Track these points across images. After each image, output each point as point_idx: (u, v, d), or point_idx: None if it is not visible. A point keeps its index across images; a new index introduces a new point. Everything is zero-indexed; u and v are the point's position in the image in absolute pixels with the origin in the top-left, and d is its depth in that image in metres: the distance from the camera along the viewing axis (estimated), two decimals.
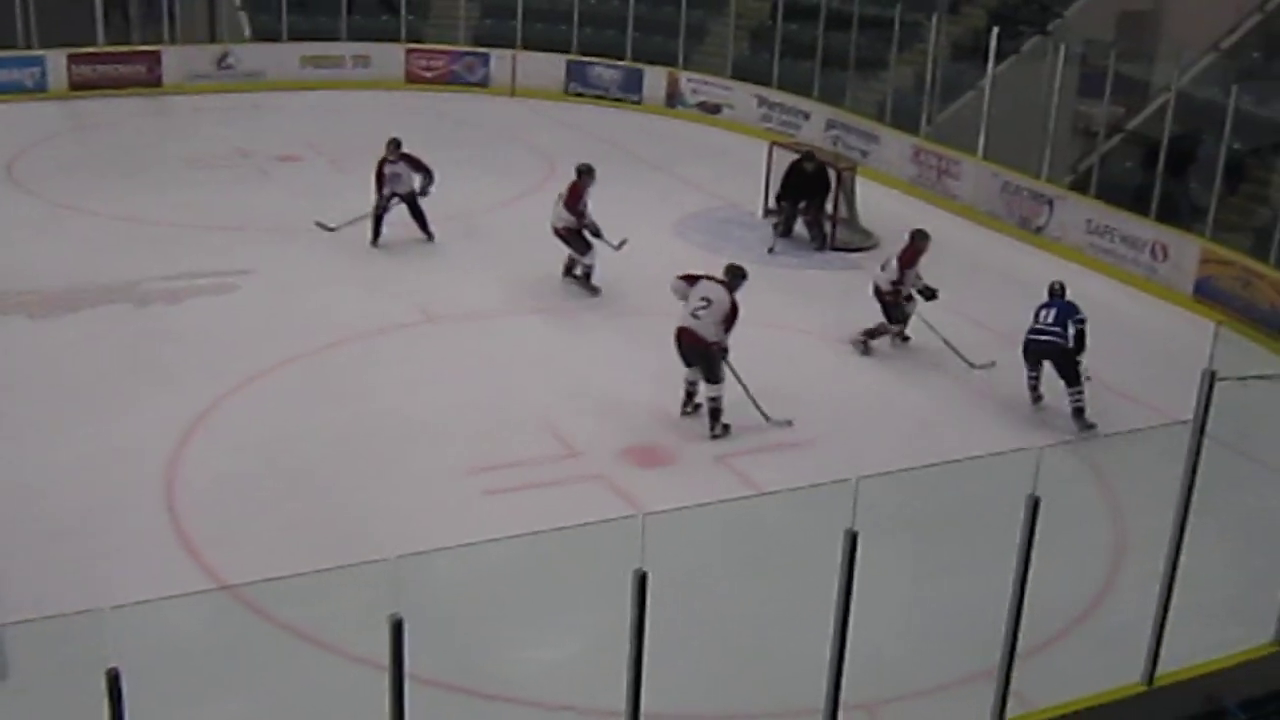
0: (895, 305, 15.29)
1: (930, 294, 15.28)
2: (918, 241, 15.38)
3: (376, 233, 17.87)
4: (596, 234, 16.58)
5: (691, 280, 13.54)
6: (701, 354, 13.16)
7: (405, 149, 17.96)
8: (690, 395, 13.52)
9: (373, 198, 17.84)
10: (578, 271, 16.82)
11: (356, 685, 8.36)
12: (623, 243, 16.47)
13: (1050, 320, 13.69)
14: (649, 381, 14.29)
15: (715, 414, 13.12)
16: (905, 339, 15.60)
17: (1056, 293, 14.05)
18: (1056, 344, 13.59)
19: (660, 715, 7.94)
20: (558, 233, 16.62)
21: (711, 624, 9.73)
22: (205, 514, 11.34)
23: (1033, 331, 13.83)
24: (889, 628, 9.43)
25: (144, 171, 21.16)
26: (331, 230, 17.93)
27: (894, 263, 15.26)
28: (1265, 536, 10.76)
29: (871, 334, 15.38)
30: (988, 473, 10.05)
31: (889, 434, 13.34)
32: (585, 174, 16.82)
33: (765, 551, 10.00)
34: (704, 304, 13.19)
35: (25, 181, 20.36)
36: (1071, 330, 13.57)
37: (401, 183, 17.89)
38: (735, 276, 13.59)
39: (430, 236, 18.15)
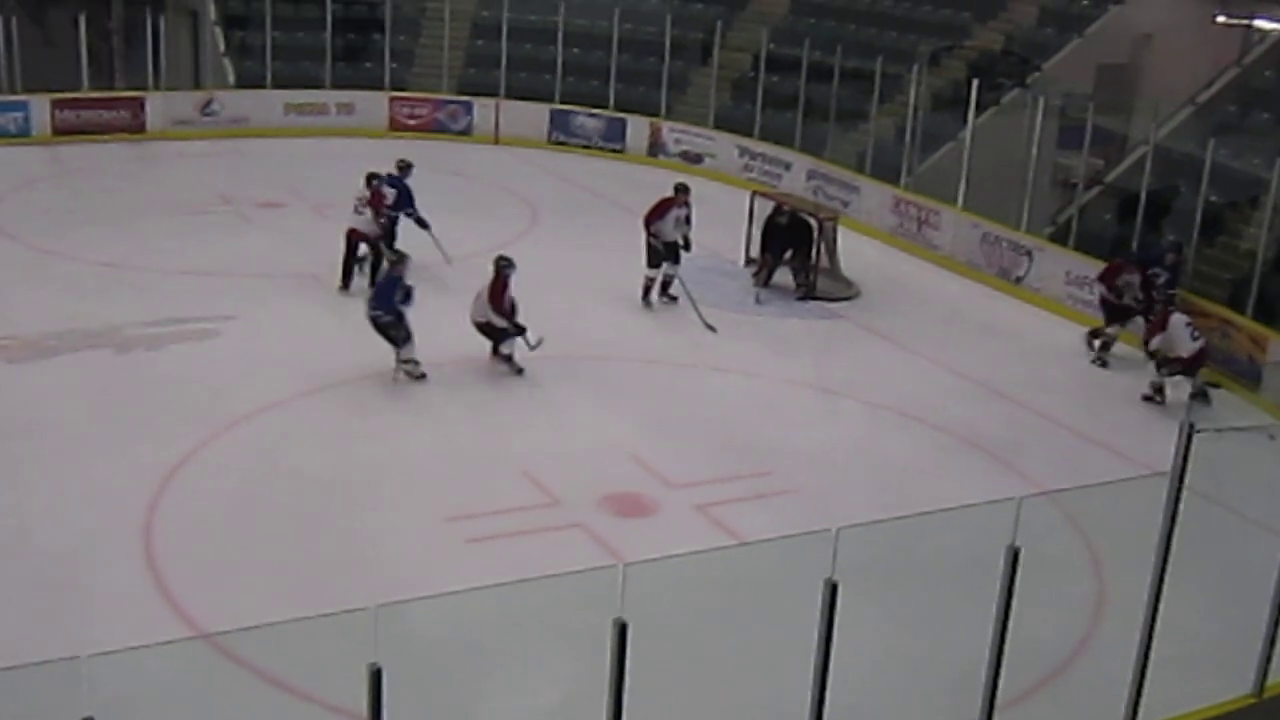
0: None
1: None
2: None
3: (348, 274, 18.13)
4: (519, 330, 15.64)
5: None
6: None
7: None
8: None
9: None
10: (504, 351, 15.95)
11: None
12: (539, 342, 15.59)
13: None
14: (628, 429, 14.32)
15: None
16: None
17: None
18: None
19: None
20: (478, 327, 15.78)
21: (691, 674, 9.70)
22: (184, 561, 11.28)
23: None
24: (869, 678, 9.41)
25: (126, 217, 21.16)
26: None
27: None
28: (1243, 588, 10.76)
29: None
30: (967, 523, 10.06)
31: (869, 483, 13.36)
32: (506, 266, 15.79)
33: (745, 601, 9.98)
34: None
35: (7, 226, 20.34)
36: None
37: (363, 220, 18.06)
38: None
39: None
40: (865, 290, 19.40)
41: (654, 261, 18.19)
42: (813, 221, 19.55)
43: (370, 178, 18.21)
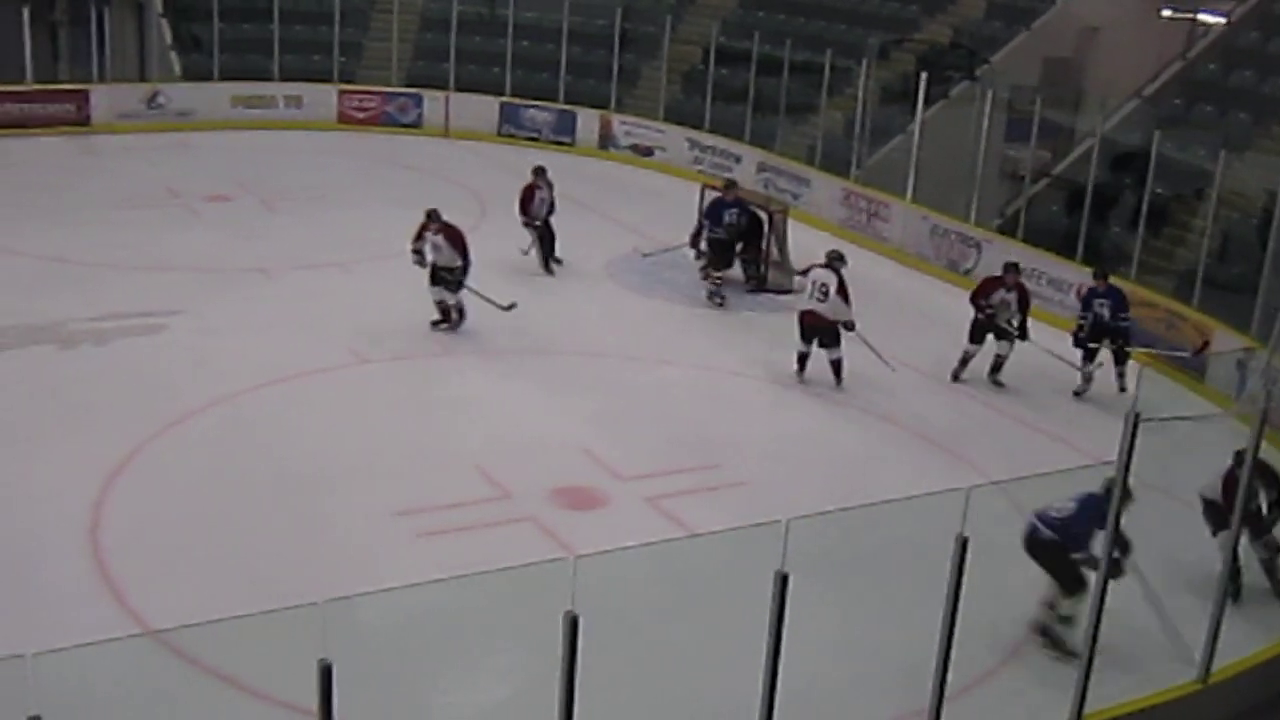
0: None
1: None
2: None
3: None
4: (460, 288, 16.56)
5: (804, 271, 16.09)
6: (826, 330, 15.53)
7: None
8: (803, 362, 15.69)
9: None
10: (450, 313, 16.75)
11: None
12: (512, 305, 16.77)
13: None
14: (578, 422, 14.31)
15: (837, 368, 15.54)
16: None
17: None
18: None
19: None
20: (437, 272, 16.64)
21: (643, 666, 9.71)
22: (131, 558, 11.18)
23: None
24: (820, 668, 9.44)
25: (71, 211, 20.95)
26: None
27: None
28: (1190, 576, 10.90)
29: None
30: (917, 513, 10.11)
31: (820, 474, 13.41)
32: (430, 218, 16.78)
33: (696, 593, 10.00)
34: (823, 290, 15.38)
35: None
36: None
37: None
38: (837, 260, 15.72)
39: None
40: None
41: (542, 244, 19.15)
42: (763, 214, 19.59)
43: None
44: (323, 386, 14.95)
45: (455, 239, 16.54)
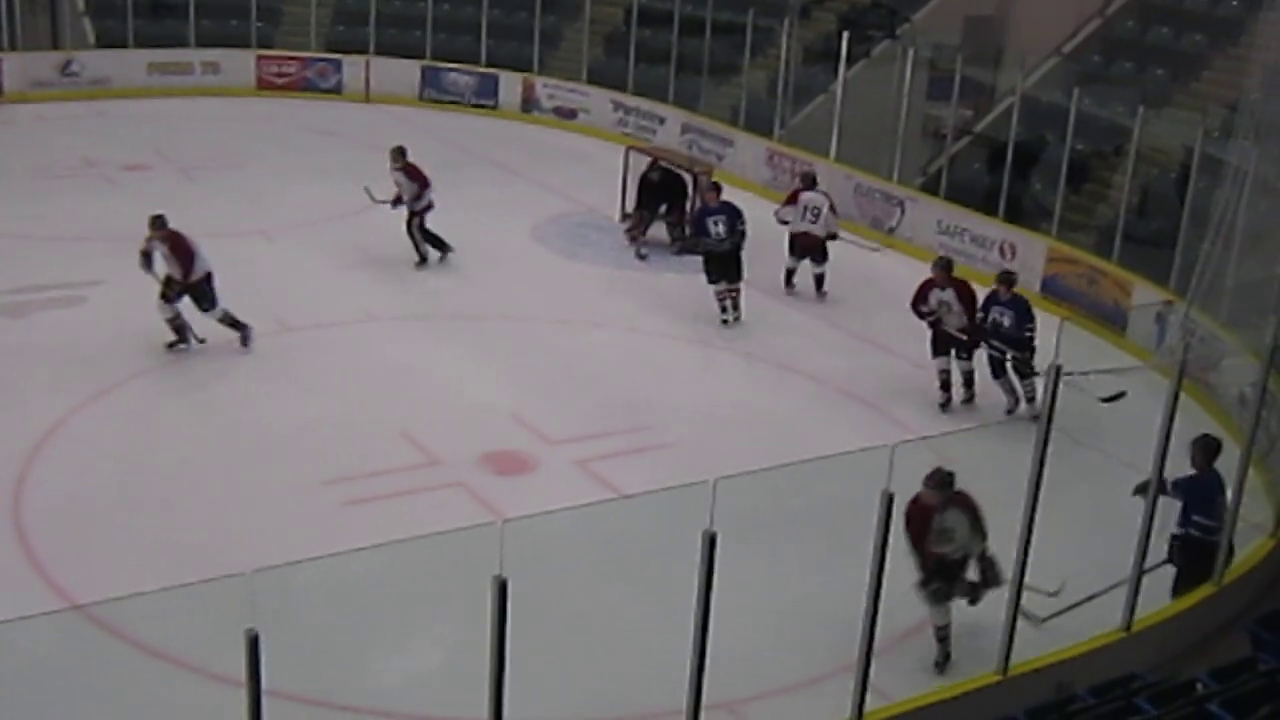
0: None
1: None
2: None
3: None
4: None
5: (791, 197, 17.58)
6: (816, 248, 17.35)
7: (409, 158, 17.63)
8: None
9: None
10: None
11: (216, 703, 8.24)
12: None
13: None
14: (506, 387, 14.30)
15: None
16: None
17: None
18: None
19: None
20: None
21: (573, 629, 9.75)
22: (55, 533, 11.06)
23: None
24: (750, 627, 9.52)
25: None
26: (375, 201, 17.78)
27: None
28: (1111, 527, 11.04)
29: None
30: (843, 471, 10.16)
31: (748, 436, 13.46)
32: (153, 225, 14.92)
33: (626, 555, 10.04)
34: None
35: None
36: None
37: (405, 191, 17.49)
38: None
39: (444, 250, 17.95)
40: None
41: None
42: (687, 176, 19.58)
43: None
44: (246, 355, 14.80)
45: (181, 248, 14.62)
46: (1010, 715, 8.21)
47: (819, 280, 17.60)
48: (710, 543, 7.09)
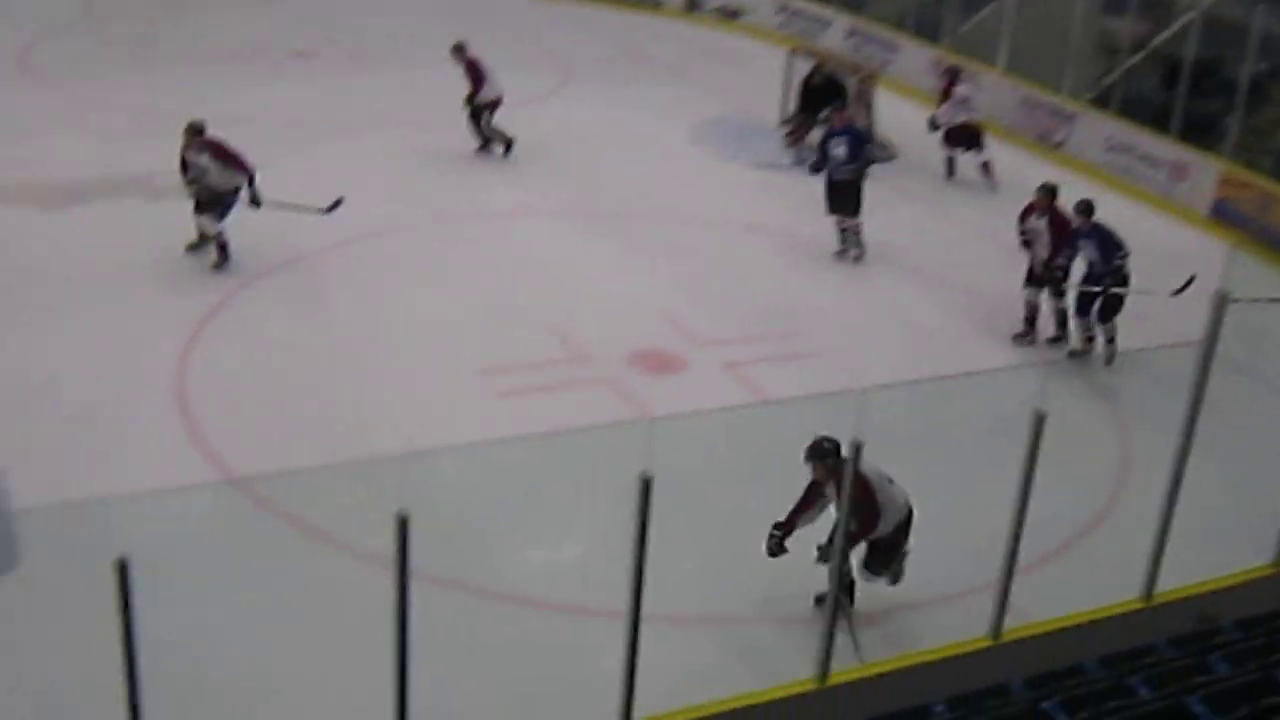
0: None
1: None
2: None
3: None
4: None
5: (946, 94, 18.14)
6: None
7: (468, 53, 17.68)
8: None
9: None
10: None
11: (362, 580, 8.46)
12: (335, 204, 14.44)
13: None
14: (658, 286, 14.32)
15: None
16: None
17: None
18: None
19: (659, 617, 8.04)
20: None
21: (714, 529, 9.81)
22: (214, 409, 11.38)
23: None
24: None
25: (160, 64, 21.02)
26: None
27: None
28: (1269, 459, 10.78)
29: None
30: (995, 387, 10.06)
31: (898, 345, 13.35)
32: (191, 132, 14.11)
33: (769, 459, 10.04)
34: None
35: (40, 72, 20.27)
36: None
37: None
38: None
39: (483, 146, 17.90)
40: (902, 152, 19.20)
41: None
42: (850, 81, 19.29)
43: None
44: (405, 245, 15.02)
45: (223, 154, 13.97)
46: (1152, 643, 8.11)
47: (986, 167, 18.11)
48: (856, 451, 7.06)
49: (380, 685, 6.23)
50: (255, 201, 13.93)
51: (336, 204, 14.33)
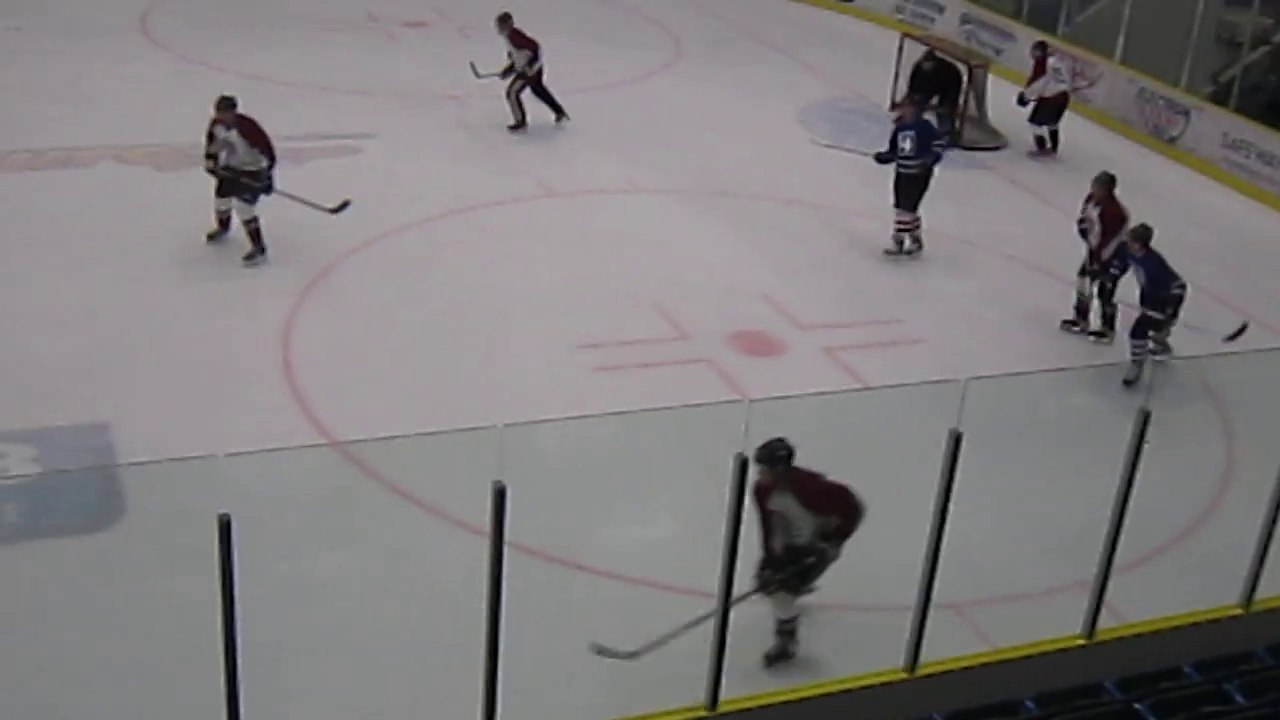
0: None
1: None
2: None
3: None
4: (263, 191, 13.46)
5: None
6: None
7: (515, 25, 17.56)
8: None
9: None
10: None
11: (456, 547, 8.55)
12: (343, 205, 13.91)
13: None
14: (760, 267, 14.29)
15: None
16: None
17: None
18: None
19: (750, 600, 8.04)
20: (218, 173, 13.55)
21: None
22: (318, 372, 11.55)
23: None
24: (986, 531, 9.42)
25: (273, 30, 21.26)
26: (480, 77, 17.60)
27: None
28: None
29: None
30: (1099, 383, 9.91)
31: (1001, 336, 13.20)
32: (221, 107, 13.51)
33: (867, 446, 9.98)
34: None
35: (155, 35, 20.60)
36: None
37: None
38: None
39: (559, 115, 17.87)
40: (1012, 142, 18.96)
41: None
42: (961, 68, 19.08)
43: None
44: (510, 216, 15.11)
45: (252, 134, 13.44)
46: (1249, 650, 7.97)
47: (1054, 137, 18.61)
48: (956, 441, 7.00)
49: (471, 647, 6.30)
50: (269, 188, 13.39)
51: (344, 205, 13.79)
